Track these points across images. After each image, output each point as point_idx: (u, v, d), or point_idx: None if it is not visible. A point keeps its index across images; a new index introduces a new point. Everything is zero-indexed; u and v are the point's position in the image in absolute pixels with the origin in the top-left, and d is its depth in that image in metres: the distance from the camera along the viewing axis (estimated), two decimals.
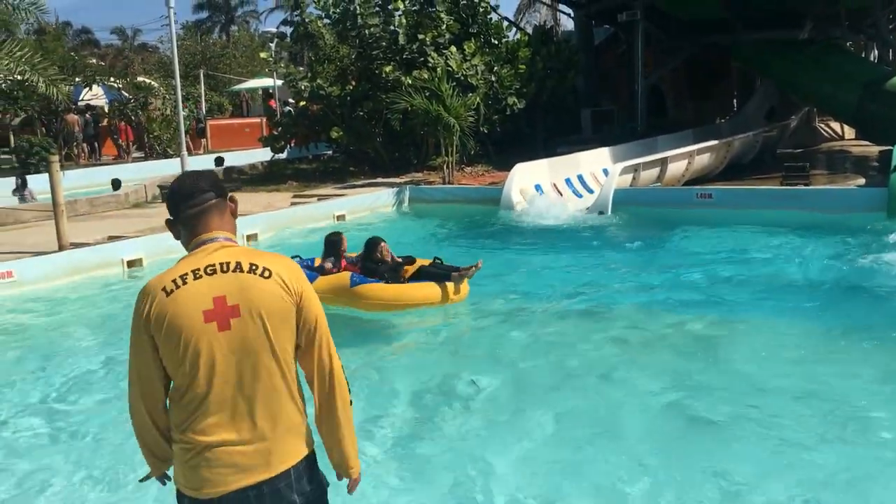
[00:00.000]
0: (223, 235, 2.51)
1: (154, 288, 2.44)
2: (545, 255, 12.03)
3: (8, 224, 13.93)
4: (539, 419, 5.69)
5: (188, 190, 2.54)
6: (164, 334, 2.38)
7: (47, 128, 27.42)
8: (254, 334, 2.41)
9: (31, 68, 12.08)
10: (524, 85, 21.17)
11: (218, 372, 2.40)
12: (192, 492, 2.44)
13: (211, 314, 2.39)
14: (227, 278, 2.42)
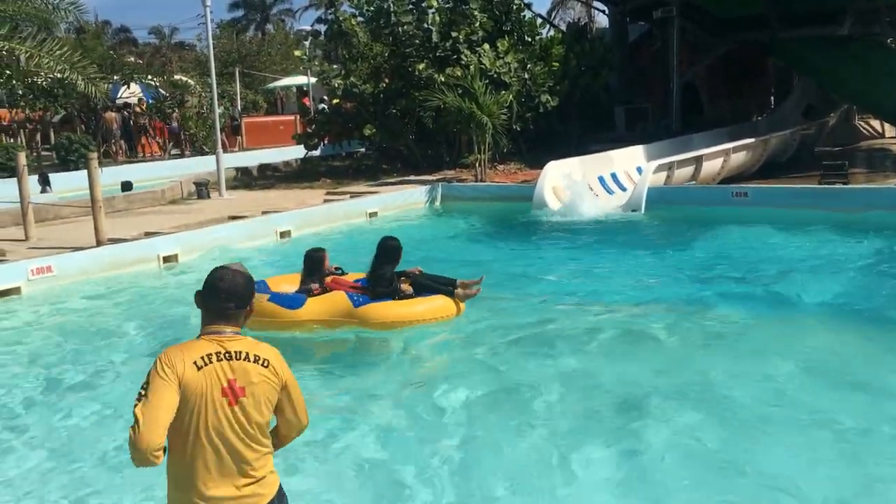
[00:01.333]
0: (231, 330, 3.07)
1: (186, 359, 2.94)
2: (577, 253, 11.96)
3: (48, 220, 14.19)
4: (596, 420, 5.68)
5: (229, 293, 3.07)
6: (188, 398, 2.89)
7: (86, 125, 27.89)
8: (253, 409, 2.99)
9: (70, 67, 12.25)
10: (557, 82, 21.07)
11: (223, 438, 2.95)
12: None
13: (225, 391, 2.94)
14: (238, 364, 2.98)
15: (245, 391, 2.96)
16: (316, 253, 8.06)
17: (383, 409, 5.97)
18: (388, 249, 7.82)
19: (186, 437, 2.91)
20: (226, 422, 2.93)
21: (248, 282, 3.15)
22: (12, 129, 26.31)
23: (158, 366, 2.90)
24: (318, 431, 5.28)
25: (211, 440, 2.92)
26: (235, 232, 13.09)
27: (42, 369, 7.20)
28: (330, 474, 4.99)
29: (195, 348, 2.97)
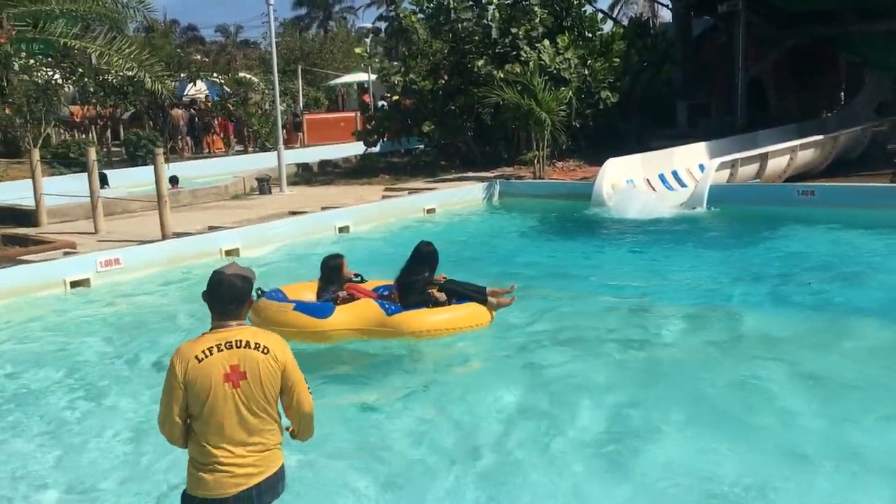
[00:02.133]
0: (236, 322, 3.59)
1: (188, 355, 3.48)
2: (635, 251, 11.82)
3: (116, 213, 14.62)
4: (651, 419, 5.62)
5: (225, 297, 3.58)
6: (194, 391, 3.45)
7: (154, 122, 28.61)
8: (254, 390, 3.50)
9: (138, 65, 12.60)
10: (618, 78, 20.82)
11: (228, 417, 3.47)
12: (215, 494, 3.48)
13: (227, 377, 3.47)
14: (239, 352, 3.50)
15: (246, 374, 3.48)
16: (334, 260, 7.55)
17: (434, 412, 5.99)
18: (424, 255, 7.30)
19: (198, 418, 3.48)
20: (230, 402, 3.47)
21: (243, 281, 3.64)
22: (84, 125, 27.14)
23: (169, 366, 3.49)
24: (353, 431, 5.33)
25: (217, 419, 3.46)
26: (295, 227, 13.29)
27: (113, 354, 7.46)
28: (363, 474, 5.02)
29: (200, 343, 3.52)
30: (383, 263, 11.32)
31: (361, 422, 5.74)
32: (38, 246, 11.49)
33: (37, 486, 4.95)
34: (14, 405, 6.30)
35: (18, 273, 9.88)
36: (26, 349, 7.77)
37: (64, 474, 5.08)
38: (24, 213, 14.45)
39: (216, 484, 3.49)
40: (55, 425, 5.88)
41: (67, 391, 6.59)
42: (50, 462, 5.26)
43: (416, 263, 7.31)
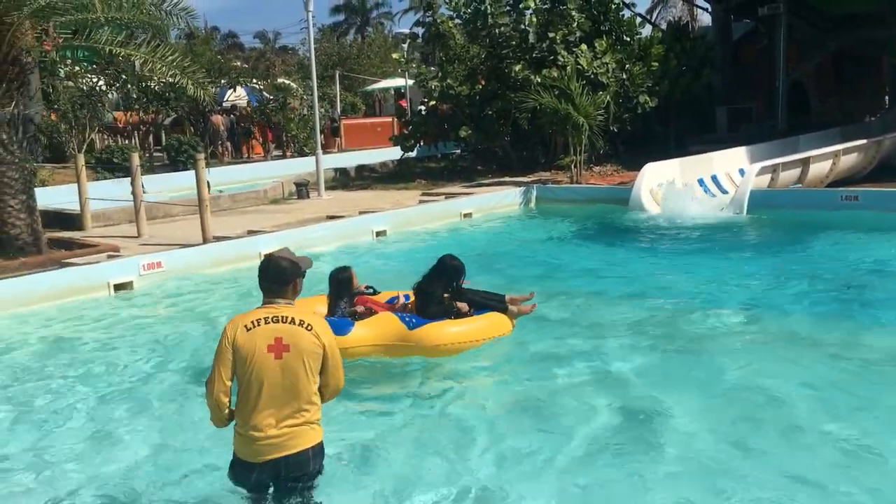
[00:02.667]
0: (284, 301, 3.96)
1: (238, 323, 3.89)
2: (674, 256, 11.72)
3: (158, 217, 14.88)
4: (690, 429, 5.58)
5: (270, 276, 3.98)
6: (240, 355, 3.83)
7: (195, 127, 29.07)
8: (295, 363, 3.82)
9: (181, 72, 12.80)
10: (657, 83, 20.68)
11: (270, 386, 3.80)
12: (248, 458, 3.88)
13: (271, 347, 3.81)
14: (285, 326, 3.85)
15: (290, 348, 3.81)
16: (342, 273, 7.09)
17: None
18: (448, 268, 6.92)
19: (243, 383, 3.84)
20: (272, 372, 3.80)
21: (290, 264, 3.99)
22: (127, 131, 27.68)
23: (222, 333, 3.91)
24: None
25: (261, 387, 3.80)
26: (333, 231, 13.40)
27: (155, 355, 7.57)
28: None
29: (250, 315, 3.91)
30: (420, 269, 11.41)
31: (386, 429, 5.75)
32: (82, 249, 11.74)
33: (77, 481, 5.04)
34: (59, 403, 6.43)
35: (64, 276, 10.11)
36: (71, 350, 7.93)
37: (107, 470, 5.18)
38: (69, 217, 14.78)
39: (249, 449, 3.87)
40: (98, 423, 5.99)
41: (109, 389, 6.72)
42: (93, 460, 5.36)
43: (438, 274, 7.02)
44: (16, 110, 11.24)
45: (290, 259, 4.02)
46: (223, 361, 3.86)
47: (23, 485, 5.06)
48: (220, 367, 3.86)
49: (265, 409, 3.82)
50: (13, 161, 11.21)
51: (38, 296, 9.59)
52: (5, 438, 5.81)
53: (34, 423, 6.07)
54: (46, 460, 5.39)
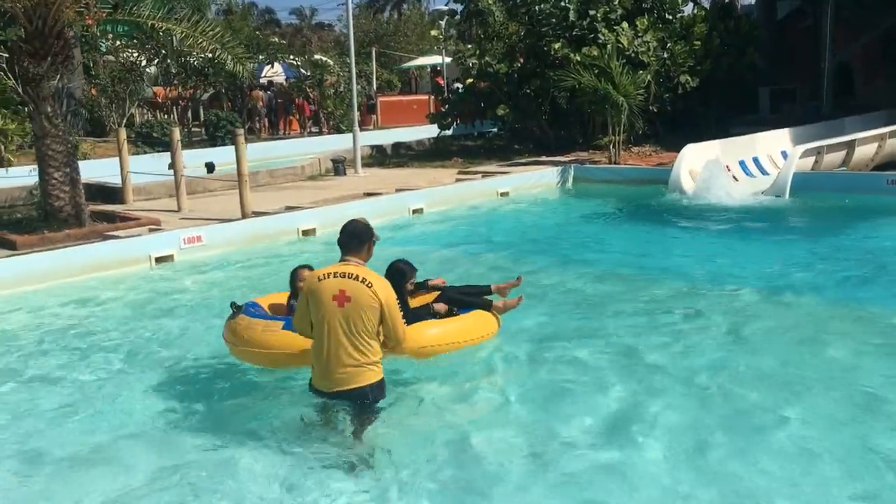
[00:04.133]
0: (354, 259, 4.81)
1: (314, 276, 4.86)
2: (715, 239, 11.57)
3: (198, 192, 15.00)
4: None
5: (350, 232, 4.89)
6: (313, 301, 4.75)
7: (233, 103, 29.22)
8: (354, 313, 4.68)
9: (221, 46, 12.86)
10: (699, 62, 20.32)
11: (333, 329, 4.71)
12: (318, 387, 4.88)
13: (336, 297, 4.68)
14: (348, 281, 4.70)
15: (350, 299, 4.65)
16: (304, 271, 6.08)
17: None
18: (393, 272, 5.90)
19: (315, 325, 4.77)
20: (335, 318, 4.68)
21: (367, 228, 4.92)
22: (166, 106, 27.91)
23: (305, 285, 4.92)
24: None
25: (327, 330, 4.71)
26: (370, 208, 13.38)
27: (195, 327, 7.65)
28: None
29: (324, 270, 4.81)
30: (456, 247, 11.42)
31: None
32: (124, 222, 11.89)
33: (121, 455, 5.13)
34: (101, 373, 6.54)
35: (107, 248, 10.25)
36: (113, 321, 8.05)
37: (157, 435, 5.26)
38: (111, 190, 14.97)
39: (319, 381, 4.86)
40: (139, 392, 6.07)
41: (150, 360, 6.82)
42: (130, 431, 5.44)
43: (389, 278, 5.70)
44: (60, 84, 11.36)
45: (367, 224, 4.96)
46: (301, 304, 4.85)
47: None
48: (304, 308, 4.81)
49: (332, 349, 4.71)
50: (57, 134, 11.35)
51: (82, 267, 9.74)
52: (57, 399, 5.94)
53: (83, 384, 6.19)
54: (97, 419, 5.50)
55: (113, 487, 4.66)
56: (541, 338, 7.04)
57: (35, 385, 6.39)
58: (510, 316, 6.53)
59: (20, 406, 5.94)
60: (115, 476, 4.80)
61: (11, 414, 5.83)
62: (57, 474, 4.90)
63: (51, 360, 6.95)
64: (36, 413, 5.83)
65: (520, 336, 6.98)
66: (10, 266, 9.40)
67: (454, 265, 10.11)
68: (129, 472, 4.84)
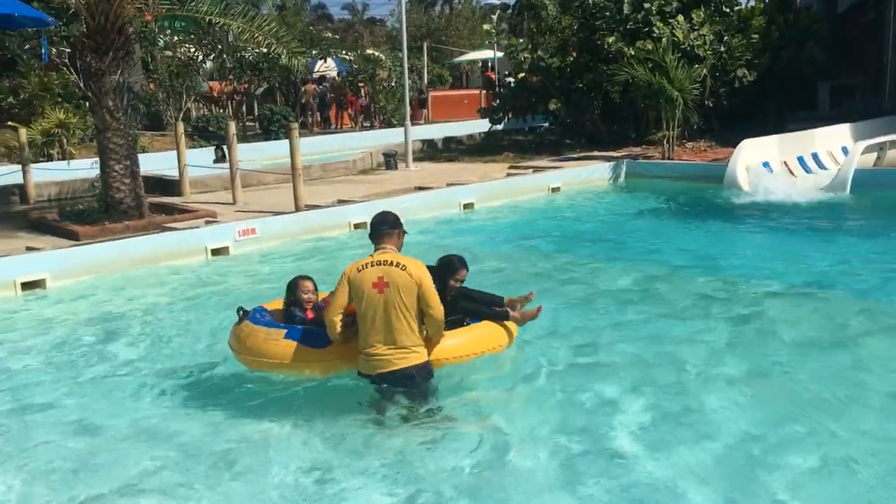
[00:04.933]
0: (389, 246, 5.16)
1: (353, 267, 5.12)
2: (770, 237, 11.35)
3: (252, 185, 15.22)
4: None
5: (379, 222, 5.27)
6: (354, 291, 5.05)
7: (286, 97, 29.58)
8: (394, 297, 4.98)
9: (276, 41, 13.02)
10: (756, 56, 19.90)
11: (378, 315, 5.01)
12: (365, 371, 5.16)
13: (375, 285, 4.99)
14: (385, 268, 5.02)
15: (388, 285, 4.96)
16: (306, 282, 6.03)
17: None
18: (443, 264, 5.76)
19: (359, 314, 5.07)
20: (378, 304, 4.99)
21: (394, 216, 5.29)
22: (221, 100, 28.38)
23: (341, 274, 5.13)
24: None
25: (371, 316, 5.01)
26: (421, 202, 13.46)
27: None
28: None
29: (362, 261, 5.11)
30: (507, 242, 11.40)
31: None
32: (182, 214, 12.14)
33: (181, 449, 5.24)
34: (154, 357, 6.69)
35: (165, 240, 10.48)
36: (169, 310, 8.24)
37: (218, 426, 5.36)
38: (168, 183, 15.29)
39: (366, 365, 5.13)
40: (189, 375, 6.19)
41: (202, 347, 6.97)
42: (194, 418, 5.55)
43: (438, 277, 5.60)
44: (120, 78, 11.62)
45: (395, 214, 5.33)
46: (337, 293, 5.10)
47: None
48: (335, 297, 5.11)
49: (375, 334, 5.02)
50: (118, 128, 11.62)
51: (141, 258, 9.99)
52: (110, 378, 6.10)
53: (136, 365, 6.35)
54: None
55: (156, 455, 4.91)
56: (589, 334, 6.99)
57: (93, 364, 6.62)
58: (560, 312, 6.49)
59: (76, 382, 6.14)
60: (160, 447, 5.02)
61: (69, 388, 6.09)
62: (110, 443, 5.13)
63: (109, 345, 7.15)
64: (90, 390, 6.07)
65: (567, 333, 6.96)
66: (73, 256, 9.67)
67: (504, 260, 10.11)
68: (172, 443, 5.12)
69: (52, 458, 5.00)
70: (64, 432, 5.39)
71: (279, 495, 4.48)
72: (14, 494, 4.56)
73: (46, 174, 15.55)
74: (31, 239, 10.95)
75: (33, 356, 6.97)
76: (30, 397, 6.04)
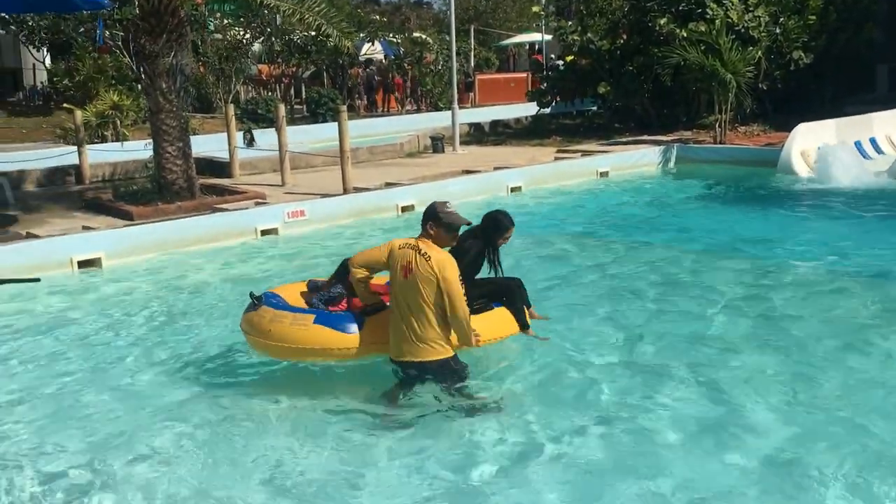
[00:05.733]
0: (425, 235, 5.00)
1: (396, 243, 5.06)
2: (824, 223, 11.06)
3: (300, 167, 15.33)
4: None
5: (424, 211, 5.11)
6: (390, 265, 5.03)
7: (333, 80, 29.69)
8: (415, 285, 4.89)
9: (327, 22, 13.04)
10: (813, 38, 19.37)
11: (401, 300, 4.98)
12: (390, 355, 5.13)
13: (403, 269, 4.94)
14: (413, 253, 4.93)
15: (413, 271, 4.88)
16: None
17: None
18: (488, 223, 5.59)
19: (391, 297, 5.10)
20: (401, 289, 4.95)
21: (429, 208, 5.07)
22: (270, 83, 28.60)
23: (386, 243, 5.13)
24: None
25: (396, 299, 5.02)
26: (468, 186, 13.41)
27: None
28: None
29: (404, 240, 5.04)
30: (554, 225, 11.31)
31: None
32: (232, 196, 12.28)
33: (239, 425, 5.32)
34: (201, 331, 6.78)
35: (216, 220, 10.62)
36: (217, 290, 8.35)
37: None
38: (219, 165, 15.48)
39: (392, 349, 5.10)
40: (235, 351, 6.26)
41: None
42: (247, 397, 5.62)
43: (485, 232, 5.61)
44: (173, 61, 11.76)
45: (433, 205, 5.08)
46: (375, 250, 5.16)
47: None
48: (372, 251, 5.19)
49: (399, 321, 4.97)
50: (171, 109, 11.77)
51: (193, 238, 10.13)
52: (154, 350, 6.21)
53: (179, 340, 6.45)
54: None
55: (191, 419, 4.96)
56: (639, 320, 6.92)
57: (143, 338, 6.76)
58: (605, 298, 6.37)
59: (125, 356, 6.28)
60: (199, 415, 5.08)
61: (116, 359, 6.27)
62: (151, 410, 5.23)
63: (159, 321, 7.33)
64: (138, 363, 6.22)
65: (611, 318, 6.93)
66: (128, 235, 9.85)
67: (551, 244, 10.04)
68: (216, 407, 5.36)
69: (91, 413, 5.28)
70: (112, 397, 5.62)
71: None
72: (50, 434, 4.69)
73: (101, 155, 15.85)
74: (86, 218, 11.19)
75: (86, 330, 7.15)
76: (75, 366, 6.25)
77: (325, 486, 4.41)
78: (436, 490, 4.34)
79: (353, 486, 4.40)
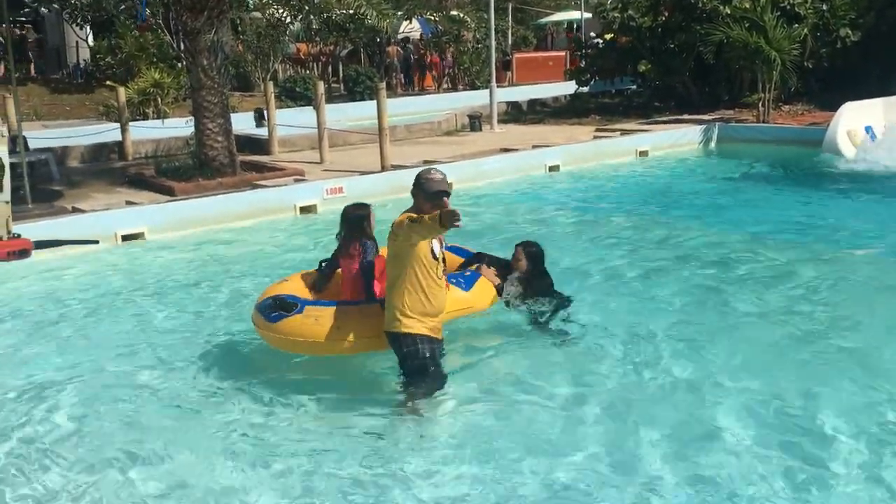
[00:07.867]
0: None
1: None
2: (870, 206, 10.82)
3: (338, 145, 15.37)
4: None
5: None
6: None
7: (370, 59, 29.66)
8: (389, 246, 4.82)
9: (365, 2, 13.05)
10: (861, 14, 18.87)
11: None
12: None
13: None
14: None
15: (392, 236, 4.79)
16: (359, 210, 5.95)
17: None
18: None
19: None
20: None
21: (416, 177, 4.96)
22: (308, 61, 28.66)
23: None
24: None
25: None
26: (506, 164, 13.37)
27: None
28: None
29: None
30: (593, 204, 11.23)
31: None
32: (271, 172, 12.37)
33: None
34: (235, 306, 6.84)
35: (256, 196, 10.73)
36: (257, 265, 8.45)
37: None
38: (258, 142, 15.60)
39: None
40: None
41: None
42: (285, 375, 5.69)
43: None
44: (215, 37, 11.84)
45: (421, 172, 4.96)
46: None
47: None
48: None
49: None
50: (212, 86, 11.87)
51: (234, 214, 10.25)
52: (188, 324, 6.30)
53: (214, 314, 6.53)
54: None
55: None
56: (675, 301, 6.86)
57: (185, 309, 6.89)
58: (643, 278, 6.31)
59: (165, 327, 6.39)
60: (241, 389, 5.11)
61: (157, 333, 6.33)
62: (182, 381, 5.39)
63: (199, 293, 7.48)
64: (166, 338, 6.30)
65: (652, 298, 6.87)
66: (170, 211, 10.01)
67: (589, 224, 9.98)
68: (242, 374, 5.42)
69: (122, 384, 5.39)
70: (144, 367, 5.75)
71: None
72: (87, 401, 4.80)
73: (142, 132, 16.05)
74: (130, 194, 11.37)
75: (129, 302, 7.30)
76: (118, 336, 6.37)
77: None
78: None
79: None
